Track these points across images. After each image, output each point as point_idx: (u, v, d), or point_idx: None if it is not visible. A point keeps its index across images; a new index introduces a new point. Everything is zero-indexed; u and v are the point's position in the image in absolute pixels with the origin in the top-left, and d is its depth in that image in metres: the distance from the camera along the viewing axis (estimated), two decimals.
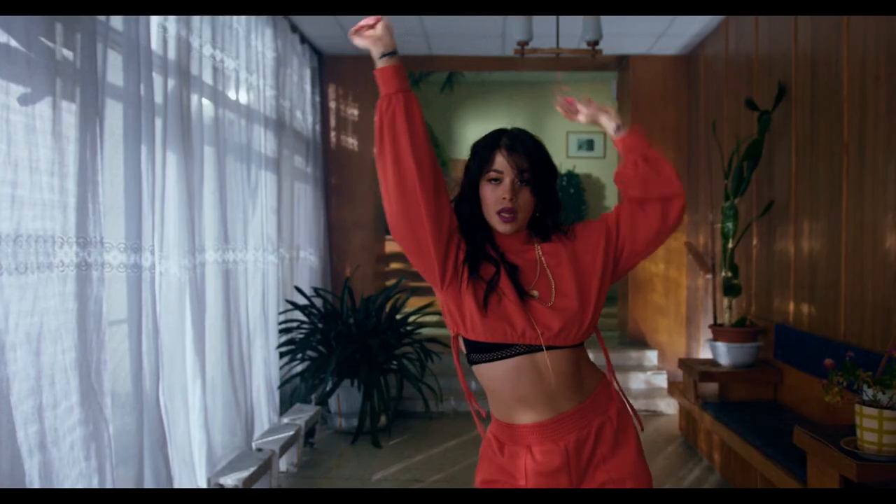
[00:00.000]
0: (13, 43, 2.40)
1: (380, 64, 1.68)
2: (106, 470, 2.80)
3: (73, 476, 2.63)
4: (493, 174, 1.75)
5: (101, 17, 2.91)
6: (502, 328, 1.68)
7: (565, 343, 1.70)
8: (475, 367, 1.77)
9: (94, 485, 2.74)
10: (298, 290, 5.48)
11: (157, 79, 3.40)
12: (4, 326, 2.31)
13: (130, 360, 3.14)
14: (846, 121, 3.66)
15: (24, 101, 2.45)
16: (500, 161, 1.74)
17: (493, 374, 1.74)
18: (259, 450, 4.02)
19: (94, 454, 2.74)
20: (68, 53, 2.70)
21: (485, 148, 1.78)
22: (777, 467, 3.33)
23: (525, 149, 1.75)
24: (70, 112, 2.68)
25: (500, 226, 1.75)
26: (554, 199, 1.80)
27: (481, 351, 1.73)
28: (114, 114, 3.11)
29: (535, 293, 1.72)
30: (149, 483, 3.17)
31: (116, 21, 3.07)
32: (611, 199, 10.25)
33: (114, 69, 3.07)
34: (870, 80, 3.45)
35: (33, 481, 2.41)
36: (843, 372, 2.66)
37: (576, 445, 1.73)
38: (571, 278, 1.73)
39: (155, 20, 3.41)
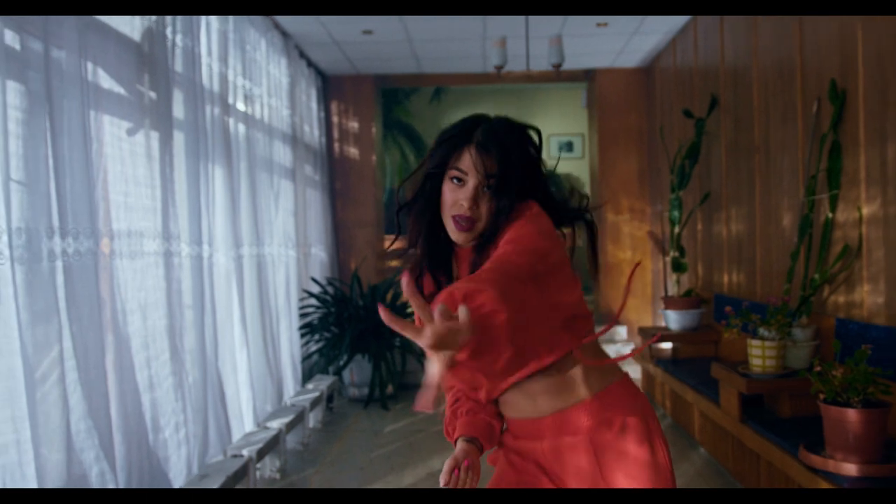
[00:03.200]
0: (122, 91, 3.29)
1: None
2: (188, 412, 3.69)
3: (168, 411, 3.51)
4: (455, 172, 1.50)
5: (169, 62, 3.79)
6: None
7: None
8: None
9: (181, 422, 3.62)
10: (314, 280, 6.37)
11: (207, 108, 4.29)
12: (125, 297, 3.19)
13: (195, 331, 4.02)
14: (756, 126, 4.58)
15: (130, 132, 3.35)
16: (467, 160, 1.49)
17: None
18: (292, 405, 4.90)
19: (180, 398, 3.62)
20: (152, 94, 3.59)
21: (454, 138, 1.52)
22: (702, 397, 4.24)
23: (500, 150, 1.47)
24: (154, 139, 3.57)
25: (452, 233, 1.51)
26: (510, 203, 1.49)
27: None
28: (178, 138, 3.99)
29: None
30: (212, 427, 4.04)
31: (179, 64, 3.96)
32: (591, 197, 11.14)
33: (177, 104, 3.96)
34: (770, 93, 4.37)
35: (146, 411, 3.29)
36: (740, 316, 3.58)
37: None
38: None
39: (204, 60, 4.29)
